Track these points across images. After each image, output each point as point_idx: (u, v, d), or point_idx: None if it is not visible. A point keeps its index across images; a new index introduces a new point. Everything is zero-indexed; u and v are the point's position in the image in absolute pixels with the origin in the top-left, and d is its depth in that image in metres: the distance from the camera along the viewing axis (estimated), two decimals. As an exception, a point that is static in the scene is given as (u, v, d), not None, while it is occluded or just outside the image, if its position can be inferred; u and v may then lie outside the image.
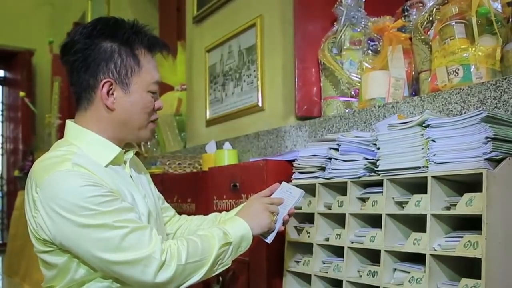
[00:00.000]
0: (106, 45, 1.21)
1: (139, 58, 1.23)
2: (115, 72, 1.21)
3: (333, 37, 1.93)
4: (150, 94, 1.26)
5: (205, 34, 2.81)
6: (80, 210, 1.07)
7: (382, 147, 1.35)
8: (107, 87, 1.20)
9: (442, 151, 1.20)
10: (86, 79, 1.21)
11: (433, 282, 1.18)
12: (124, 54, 1.22)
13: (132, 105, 1.23)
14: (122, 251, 1.08)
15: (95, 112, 1.23)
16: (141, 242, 1.10)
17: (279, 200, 1.37)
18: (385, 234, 1.31)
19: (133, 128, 1.26)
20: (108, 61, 1.20)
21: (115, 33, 1.22)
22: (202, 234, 1.22)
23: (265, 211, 1.31)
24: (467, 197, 1.13)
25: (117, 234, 1.08)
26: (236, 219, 1.29)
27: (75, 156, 1.15)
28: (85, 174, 1.11)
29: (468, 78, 1.38)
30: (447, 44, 1.44)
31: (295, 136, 1.99)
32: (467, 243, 1.11)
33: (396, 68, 1.67)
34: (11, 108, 7.22)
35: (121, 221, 1.09)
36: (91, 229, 1.08)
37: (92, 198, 1.08)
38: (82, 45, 1.21)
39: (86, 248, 1.09)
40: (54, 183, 1.09)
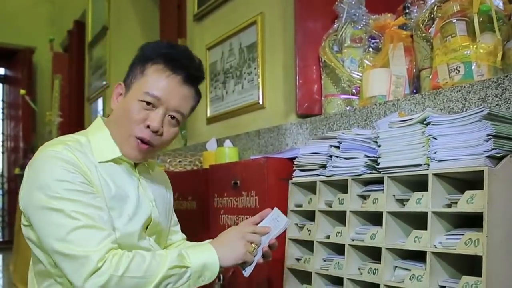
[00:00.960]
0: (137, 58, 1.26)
1: (146, 67, 1.22)
2: (128, 77, 1.25)
3: (334, 35, 1.92)
4: (141, 104, 1.19)
5: (205, 32, 2.81)
6: (47, 189, 1.08)
7: (383, 144, 1.34)
8: (119, 89, 1.25)
9: (443, 149, 1.19)
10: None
11: (434, 280, 1.18)
12: (138, 62, 1.24)
13: (122, 109, 1.23)
14: (66, 242, 1.05)
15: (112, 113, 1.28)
16: (87, 241, 1.06)
17: (263, 229, 1.24)
18: (386, 232, 1.31)
19: (123, 135, 1.21)
20: (130, 69, 1.26)
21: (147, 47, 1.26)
22: (157, 252, 1.13)
23: (241, 241, 1.19)
24: (468, 194, 1.13)
25: (69, 223, 1.06)
26: (204, 245, 1.19)
27: (75, 143, 1.17)
28: (69, 160, 1.12)
29: (470, 76, 1.38)
30: (448, 42, 1.43)
31: (296, 134, 1.99)
32: (468, 241, 1.11)
33: (397, 65, 1.66)
34: (12, 106, 7.22)
35: (78, 213, 1.07)
36: (49, 210, 1.07)
37: (62, 182, 1.08)
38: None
39: (41, 228, 1.09)
40: (40, 160, 1.13)
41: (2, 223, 7.11)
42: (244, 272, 1.22)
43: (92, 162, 1.17)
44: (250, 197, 1.74)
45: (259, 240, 1.22)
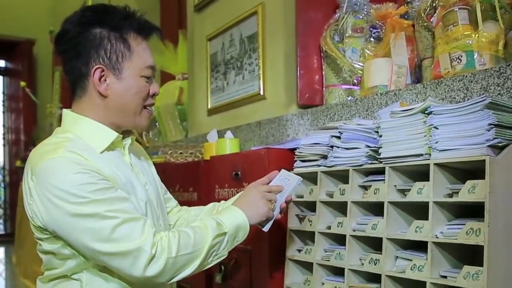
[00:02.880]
0: (95, 31, 1.20)
1: (129, 42, 1.22)
2: (105, 58, 1.20)
3: (335, 25, 1.91)
4: (144, 79, 1.24)
5: (206, 22, 2.79)
6: (71, 197, 1.06)
7: (384, 134, 1.34)
8: (99, 73, 1.19)
9: (444, 138, 1.19)
10: (78, 67, 1.21)
11: (435, 270, 1.18)
12: (114, 39, 1.20)
13: (125, 90, 1.21)
14: (112, 242, 1.07)
15: (89, 99, 1.22)
16: (132, 233, 1.08)
17: (277, 187, 1.34)
18: (387, 222, 1.30)
19: (129, 114, 1.24)
20: (98, 47, 1.19)
21: (104, 19, 1.21)
22: (195, 226, 1.19)
23: (262, 199, 1.29)
24: (470, 184, 1.13)
25: (108, 224, 1.07)
26: (232, 209, 1.26)
27: (70, 142, 1.15)
28: (78, 160, 1.10)
29: (471, 65, 1.37)
30: (450, 31, 1.42)
31: (297, 125, 1.98)
32: (469, 231, 1.11)
33: (399, 55, 1.65)
34: (12, 98, 7.21)
35: (113, 211, 1.08)
36: (82, 218, 1.06)
37: (84, 186, 1.07)
38: (73, 33, 1.20)
39: (76, 236, 1.08)
40: (48, 170, 1.09)
41: (4, 215, 7.13)
42: (263, 228, 1.32)
43: (95, 155, 1.16)
44: (251, 188, 1.74)
45: (276, 197, 1.32)
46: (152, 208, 1.28)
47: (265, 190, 1.32)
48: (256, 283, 1.70)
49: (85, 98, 1.23)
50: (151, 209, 1.27)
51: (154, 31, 1.29)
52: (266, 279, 1.67)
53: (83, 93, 1.23)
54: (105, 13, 1.22)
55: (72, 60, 1.22)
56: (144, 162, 1.38)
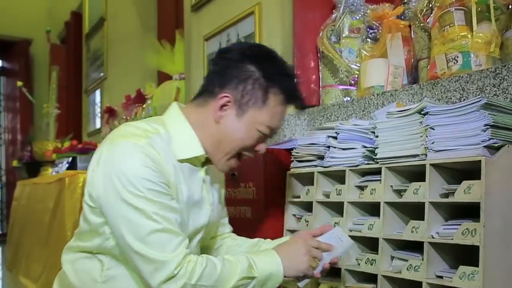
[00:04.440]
0: (249, 67, 1.19)
1: (269, 97, 1.19)
2: (239, 94, 1.18)
3: (332, 25, 1.91)
4: (258, 133, 1.21)
5: (203, 22, 2.79)
6: (129, 185, 1.07)
7: (380, 135, 1.34)
8: (224, 101, 1.19)
9: (440, 139, 1.19)
10: (215, 84, 1.21)
11: (431, 270, 1.18)
12: (258, 85, 1.19)
13: (235, 130, 1.20)
14: (144, 244, 1.07)
15: (203, 113, 1.22)
16: (166, 245, 1.07)
17: (327, 246, 1.24)
18: (384, 222, 1.31)
19: (221, 151, 1.22)
20: (240, 81, 1.18)
21: (264, 64, 1.20)
22: (226, 259, 1.15)
23: (307, 255, 1.20)
24: (466, 184, 1.13)
25: (149, 225, 1.07)
26: (271, 254, 1.19)
27: (157, 137, 1.15)
28: (153, 157, 1.10)
29: (468, 66, 1.37)
30: (446, 31, 1.42)
31: (294, 125, 1.98)
32: (465, 231, 1.11)
33: (395, 56, 1.66)
34: (9, 98, 7.20)
35: (159, 216, 1.08)
36: (130, 208, 1.07)
37: (145, 181, 1.07)
38: (232, 56, 1.21)
39: (118, 222, 1.09)
40: (123, 151, 1.10)
41: (1, 215, 7.11)
42: (299, 283, 1.23)
43: (171, 160, 1.15)
44: (248, 188, 1.74)
45: (322, 256, 1.23)
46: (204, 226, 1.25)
47: (313, 245, 1.23)
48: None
49: (200, 109, 1.23)
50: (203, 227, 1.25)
51: (297, 102, 1.27)
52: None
53: (203, 104, 1.23)
54: (269, 59, 1.23)
55: (215, 74, 1.22)
56: (216, 186, 1.35)
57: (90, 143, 3.64)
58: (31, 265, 3.28)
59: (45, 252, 2.96)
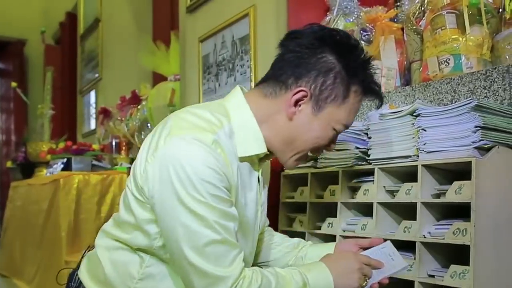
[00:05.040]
0: (330, 58, 1.06)
1: (350, 92, 1.08)
2: (318, 88, 1.06)
3: (326, 27, 1.93)
4: (333, 132, 1.11)
5: (198, 24, 2.80)
6: (190, 187, 0.95)
7: (373, 136, 1.36)
8: (300, 95, 1.06)
9: (432, 140, 1.21)
10: (288, 74, 1.07)
11: (423, 269, 1.20)
12: (340, 79, 1.06)
13: (310, 128, 1.08)
14: (201, 255, 0.96)
15: (272, 107, 1.09)
16: (223, 258, 0.97)
17: (378, 263, 1.15)
18: (376, 222, 1.33)
19: (291, 150, 1.11)
20: (320, 74, 1.06)
21: (347, 54, 1.08)
22: (280, 274, 1.04)
23: (358, 273, 1.10)
24: (457, 185, 1.15)
25: (208, 234, 0.96)
26: (323, 271, 1.09)
27: (222, 132, 1.02)
28: (218, 157, 0.98)
29: (459, 68, 1.40)
30: (438, 34, 1.45)
31: (288, 126, 2.00)
32: (456, 230, 1.13)
33: (388, 58, 1.68)
34: (3, 99, 7.17)
35: (219, 225, 0.96)
36: (189, 212, 0.95)
37: (208, 185, 0.95)
38: (308, 42, 1.07)
39: (172, 225, 0.97)
40: (185, 147, 0.97)
41: (-5, 216, 7.08)
42: None
43: (234, 159, 1.04)
44: (243, 189, 1.75)
45: (371, 273, 1.14)
46: (255, 229, 1.16)
47: (365, 262, 1.13)
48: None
49: (269, 101, 1.09)
50: (256, 230, 1.17)
51: (376, 96, 1.15)
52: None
53: (272, 95, 1.09)
54: (352, 49, 1.10)
55: (287, 63, 1.09)
56: (267, 180, 1.26)
57: (85, 144, 3.64)
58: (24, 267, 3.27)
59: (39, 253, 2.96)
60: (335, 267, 1.10)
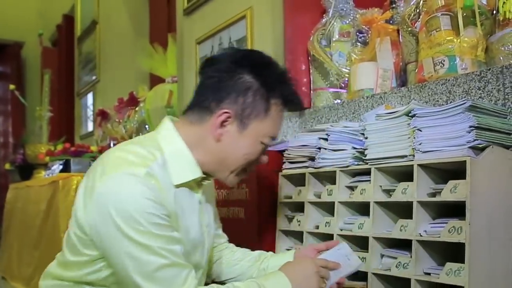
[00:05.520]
0: (247, 78, 1.12)
1: (271, 106, 1.14)
2: (240, 107, 1.11)
3: (322, 29, 1.95)
4: (262, 146, 1.16)
5: (195, 26, 2.82)
6: (131, 221, 0.99)
7: (370, 136, 1.38)
8: (224, 117, 1.11)
9: (427, 140, 1.23)
10: (210, 99, 1.12)
11: (419, 267, 1.22)
12: (259, 95, 1.12)
13: (238, 146, 1.14)
14: (152, 281, 1.00)
15: (199, 131, 1.14)
16: (174, 280, 1.01)
17: (334, 265, 1.19)
18: (373, 221, 1.34)
19: (226, 169, 1.17)
20: (240, 94, 1.11)
21: (263, 71, 1.13)
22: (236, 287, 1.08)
23: (315, 276, 1.14)
24: (452, 184, 1.17)
25: (156, 260, 1.00)
26: (281, 279, 1.12)
27: (154, 163, 1.07)
28: (153, 188, 1.03)
29: (454, 69, 1.42)
30: (433, 36, 1.47)
31: (286, 127, 2.01)
32: (451, 229, 1.15)
33: (384, 59, 1.70)
34: (1, 101, 7.17)
35: (165, 250, 1.01)
36: (133, 244, 1.00)
37: (149, 215, 1.00)
38: (224, 67, 1.13)
39: (120, 259, 1.02)
40: (120, 184, 1.02)
41: (-7, 219, 7.07)
42: None
43: (169, 187, 1.09)
44: (241, 189, 1.77)
45: (329, 275, 1.18)
46: (203, 250, 1.21)
47: (321, 265, 1.17)
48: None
49: (196, 127, 1.15)
50: (204, 251, 1.21)
51: (297, 107, 1.22)
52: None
53: (198, 121, 1.14)
54: (265, 66, 1.15)
55: (208, 88, 1.14)
56: (210, 200, 1.30)
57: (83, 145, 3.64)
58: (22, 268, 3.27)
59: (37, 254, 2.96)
60: (293, 274, 1.13)
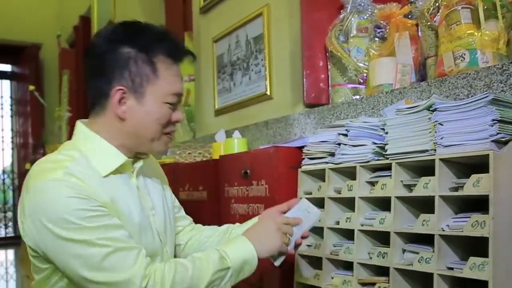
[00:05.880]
0: (123, 51, 1.14)
1: (157, 66, 1.15)
2: (129, 80, 1.14)
3: (340, 25, 1.95)
4: (167, 105, 1.17)
5: (212, 24, 2.84)
6: (63, 222, 1.02)
7: (390, 131, 1.37)
8: (120, 95, 1.14)
9: (449, 134, 1.22)
10: (100, 85, 1.16)
11: (442, 262, 1.21)
12: (140, 61, 1.14)
13: (145, 115, 1.16)
14: (101, 271, 1.02)
15: (106, 119, 1.17)
16: (123, 264, 1.03)
17: (295, 220, 1.24)
18: (394, 216, 1.34)
19: (145, 140, 1.18)
20: (123, 68, 1.14)
21: (135, 39, 1.15)
22: (196, 257, 1.12)
23: (277, 232, 1.19)
24: (474, 178, 1.16)
25: (98, 252, 1.02)
26: (241, 241, 1.17)
27: (73, 162, 1.10)
28: (75, 185, 1.05)
29: (475, 63, 1.40)
30: (453, 29, 1.45)
31: (304, 124, 2.02)
32: (474, 223, 1.14)
33: (403, 54, 1.69)
34: (20, 102, 7.28)
35: (105, 239, 1.03)
36: (72, 243, 1.02)
37: (77, 212, 1.02)
38: (100, 49, 1.16)
39: (66, 261, 1.04)
40: (42, 192, 1.05)
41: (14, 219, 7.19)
42: (275, 262, 1.24)
43: (96, 179, 1.11)
44: (260, 186, 1.78)
45: (292, 231, 1.22)
46: (153, 234, 1.22)
47: (282, 222, 1.22)
48: (267, 279, 1.74)
49: (102, 117, 1.18)
50: (155, 235, 1.22)
51: (186, 55, 1.22)
52: (276, 275, 1.70)
53: (101, 111, 1.18)
54: (137, 32, 1.17)
55: (95, 76, 1.17)
56: (157, 183, 1.32)
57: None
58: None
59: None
60: (254, 235, 1.18)
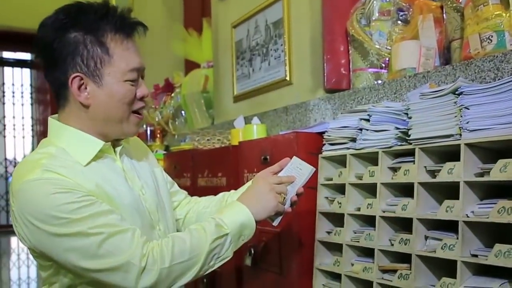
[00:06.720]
0: (69, 36, 1.11)
1: (107, 45, 1.13)
2: (83, 65, 1.12)
3: (361, 8, 1.91)
4: (129, 83, 1.15)
5: (230, 9, 2.81)
6: (51, 219, 1.03)
7: (414, 116, 1.35)
8: (78, 82, 1.12)
9: (475, 118, 1.19)
10: (57, 76, 1.14)
11: (466, 249, 1.19)
12: (90, 43, 1.12)
13: (108, 98, 1.14)
14: (100, 259, 1.04)
15: (72, 109, 1.16)
16: (119, 247, 1.04)
17: (288, 178, 1.25)
18: (417, 202, 1.32)
19: (115, 123, 1.17)
20: (74, 54, 1.11)
21: (78, 21, 1.12)
22: (193, 229, 1.14)
23: (271, 192, 1.20)
24: (501, 163, 1.13)
25: (93, 241, 1.03)
26: (236, 205, 1.18)
27: (49, 159, 1.10)
28: (56, 181, 1.05)
29: (502, 45, 1.36)
30: (480, 11, 1.41)
31: (324, 109, 1.99)
32: (501, 209, 1.11)
33: (427, 37, 1.65)
34: (40, 90, 7.35)
35: (96, 227, 1.04)
36: (65, 237, 1.03)
37: (63, 206, 1.03)
38: (47, 39, 1.12)
39: (63, 256, 1.06)
40: (25, 193, 1.06)
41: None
42: (273, 222, 1.25)
43: (77, 169, 1.11)
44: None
45: (286, 190, 1.23)
46: (145, 213, 1.22)
47: (275, 181, 1.23)
48: (286, 265, 1.73)
49: (68, 108, 1.17)
50: (146, 214, 1.22)
51: (135, 28, 1.19)
52: (296, 261, 1.70)
53: (66, 102, 1.17)
54: (79, 14, 1.13)
55: (49, 68, 1.15)
56: (144, 163, 1.32)
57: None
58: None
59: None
60: (248, 198, 1.19)
